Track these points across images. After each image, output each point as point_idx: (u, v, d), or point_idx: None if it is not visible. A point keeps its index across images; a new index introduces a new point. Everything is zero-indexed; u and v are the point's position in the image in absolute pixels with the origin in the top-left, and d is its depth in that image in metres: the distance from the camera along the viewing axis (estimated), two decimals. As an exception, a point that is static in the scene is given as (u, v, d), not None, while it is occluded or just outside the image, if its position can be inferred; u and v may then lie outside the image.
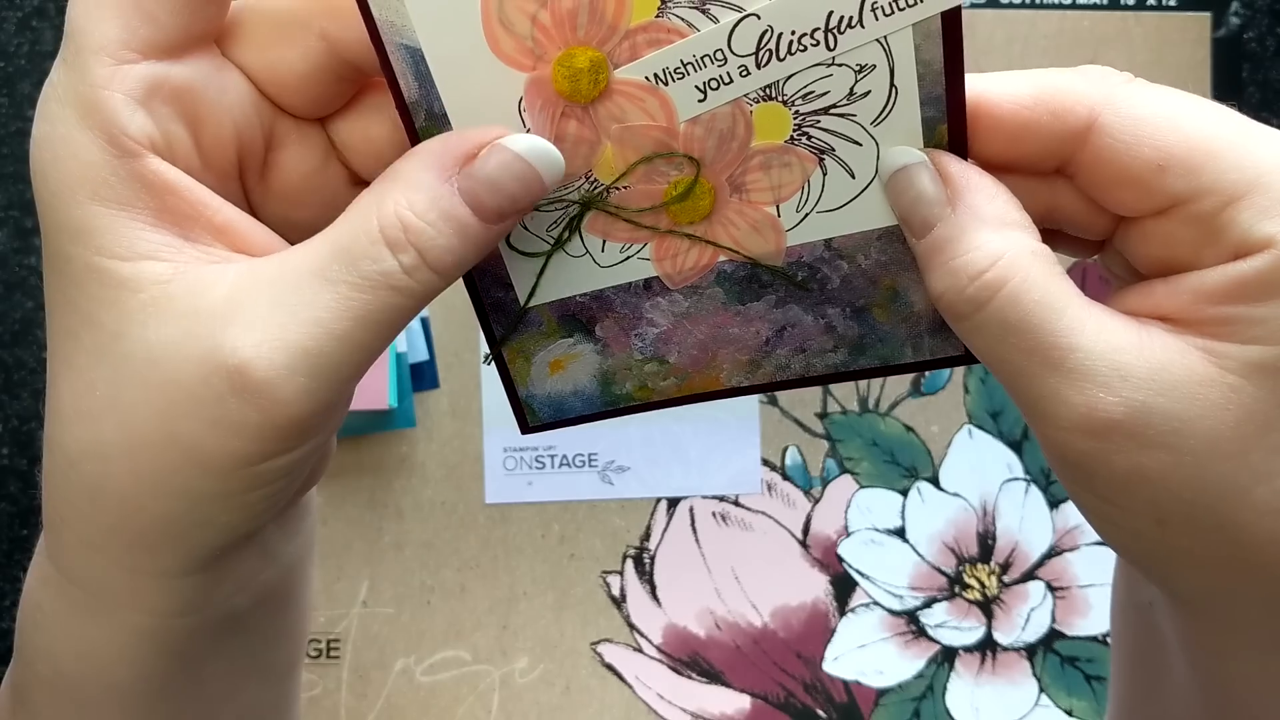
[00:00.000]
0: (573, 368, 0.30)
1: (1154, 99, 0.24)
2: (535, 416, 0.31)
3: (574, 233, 0.28)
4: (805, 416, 0.63)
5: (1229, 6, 0.63)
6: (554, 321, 0.29)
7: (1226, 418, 0.23)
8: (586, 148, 0.26)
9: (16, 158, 0.61)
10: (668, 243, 0.27)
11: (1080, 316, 0.24)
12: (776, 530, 0.62)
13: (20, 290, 0.61)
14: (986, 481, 0.63)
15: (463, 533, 0.61)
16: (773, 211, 0.27)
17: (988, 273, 0.24)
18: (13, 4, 0.61)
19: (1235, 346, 0.23)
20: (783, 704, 0.62)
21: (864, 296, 0.28)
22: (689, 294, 0.28)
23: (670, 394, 0.30)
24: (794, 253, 0.27)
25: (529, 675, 0.61)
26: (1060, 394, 0.24)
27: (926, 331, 0.28)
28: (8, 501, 0.60)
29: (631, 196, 0.27)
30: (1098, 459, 0.24)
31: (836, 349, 0.28)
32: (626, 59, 0.25)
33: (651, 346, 0.29)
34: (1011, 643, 0.62)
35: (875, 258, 0.27)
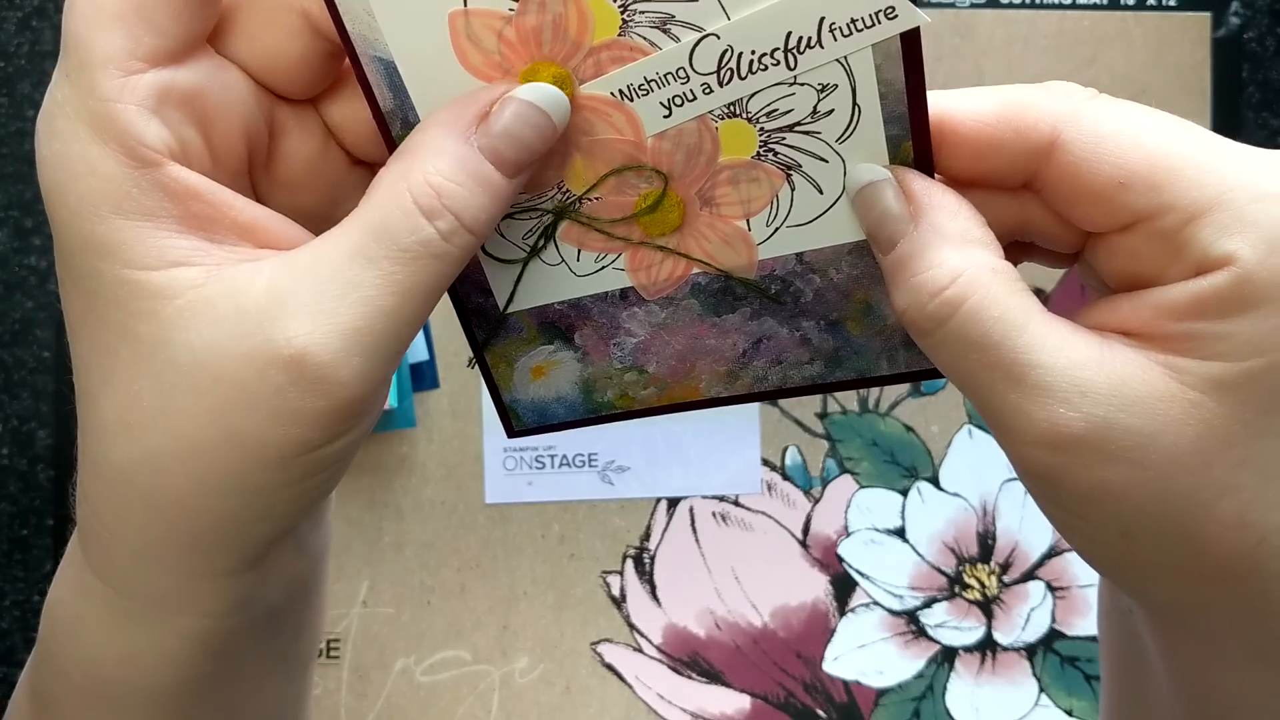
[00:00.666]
0: (554, 374, 0.30)
1: (1116, 115, 0.25)
2: (520, 421, 0.32)
3: (549, 241, 0.28)
4: (805, 416, 0.63)
5: (1229, 6, 0.63)
6: (534, 328, 0.30)
7: (1188, 432, 0.23)
8: (557, 159, 0.27)
9: (16, 158, 0.61)
10: (641, 254, 0.28)
11: (1041, 333, 0.24)
12: (776, 530, 0.62)
13: (20, 290, 0.61)
14: (986, 481, 0.63)
15: (463, 533, 0.61)
16: (743, 225, 0.27)
17: (948, 290, 0.24)
18: (13, 4, 0.61)
19: (1196, 362, 0.24)
20: (783, 704, 0.62)
21: (837, 310, 0.28)
22: (665, 305, 0.29)
23: (651, 403, 0.30)
24: (766, 266, 0.28)
25: (529, 675, 0.61)
26: (1022, 409, 0.24)
27: (900, 344, 0.28)
28: (8, 501, 0.60)
29: (603, 208, 0.27)
30: (1061, 473, 0.24)
31: (813, 361, 0.29)
32: (591, 75, 0.26)
33: (630, 356, 0.30)
34: (1011, 643, 0.62)
35: (847, 272, 0.27)
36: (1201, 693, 0.28)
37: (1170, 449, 0.23)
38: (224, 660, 0.28)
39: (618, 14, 0.25)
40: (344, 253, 0.24)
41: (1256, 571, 0.24)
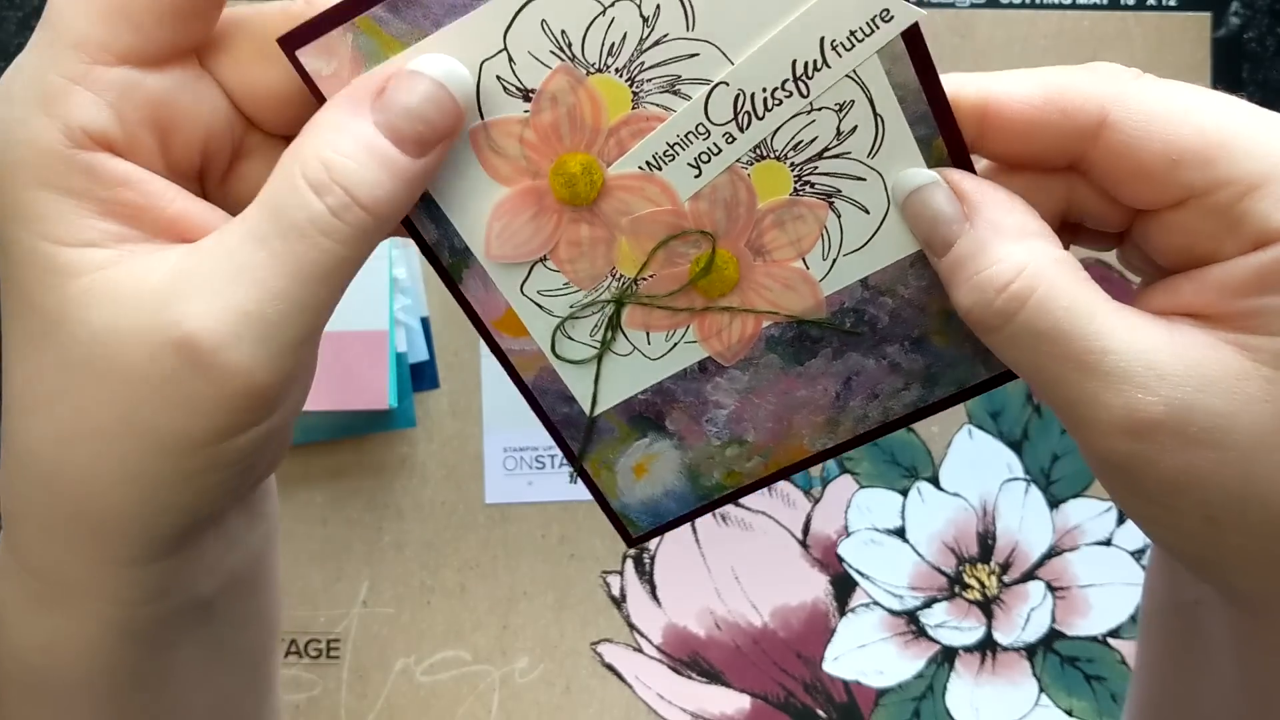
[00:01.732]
0: (656, 468, 0.30)
1: (1164, 93, 0.24)
2: (636, 527, 0.31)
3: (616, 331, 0.28)
4: (805, 416, 0.63)
5: (1229, 6, 0.63)
6: (624, 425, 0.29)
7: (1267, 410, 0.23)
8: (604, 246, 0.27)
9: (16, 158, 0.61)
10: (708, 321, 0.28)
11: (1110, 319, 0.24)
12: (776, 530, 0.62)
13: (20, 290, 0.61)
14: (986, 481, 0.63)
15: (463, 533, 0.61)
16: (800, 266, 0.27)
17: (1014, 284, 0.24)
18: (13, 4, 0.61)
19: (1266, 339, 0.23)
20: (783, 704, 0.62)
21: (918, 326, 0.27)
22: (745, 367, 0.28)
23: (759, 474, 0.30)
24: (834, 301, 0.27)
25: (529, 675, 0.61)
26: (1099, 398, 0.24)
27: None
28: (8, 501, 0.60)
29: (659, 283, 0.27)
30: (1143, 462, 0.24)
31: (909, 386, 0.28)
32: (616, 155, 0.26)
33: (726, 429, 0.29)
34: (1011, 643, 0.62)
35: (915, 285, 0.27)
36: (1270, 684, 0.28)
37: (1251, 428, 0.23)
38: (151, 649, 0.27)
39: (627, 89, 0.25)
40: (239, 235, 0.23)
41: None
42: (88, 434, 0.23)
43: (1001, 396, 0.63)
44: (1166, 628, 0.33)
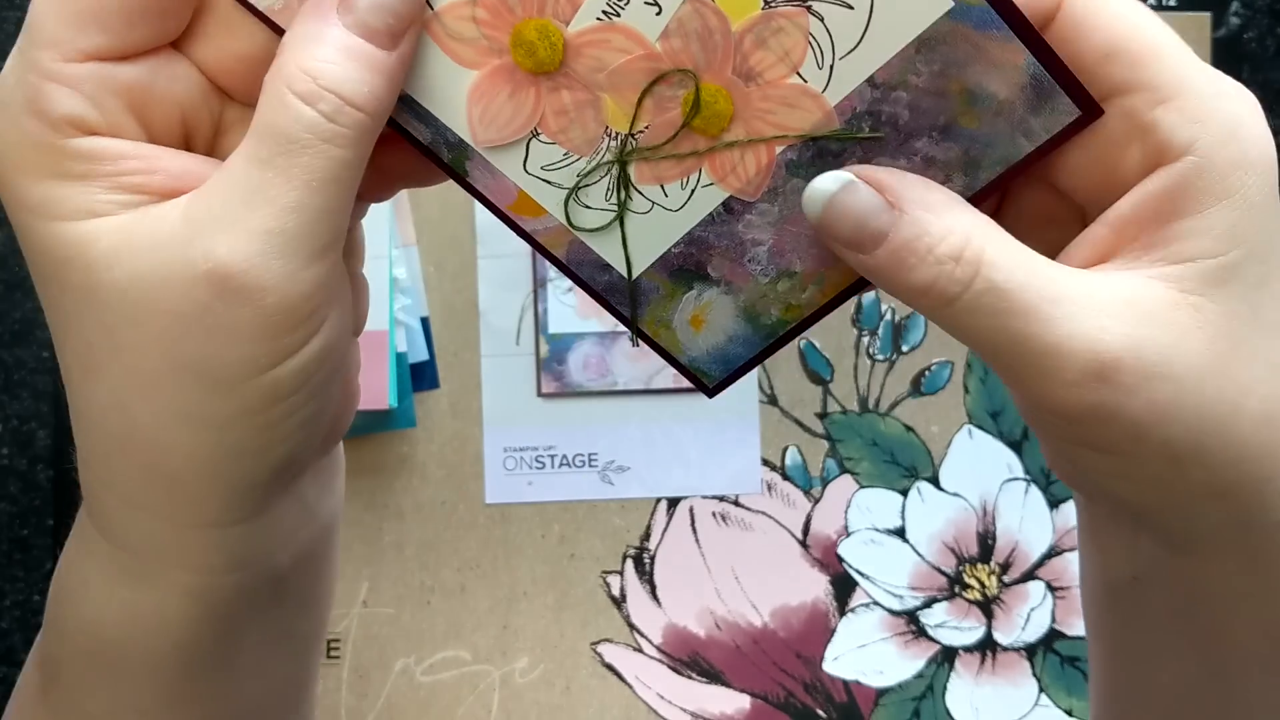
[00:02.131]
0: (712, 317, 0.29)
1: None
2: (710, 377, 0.30)
3: (629, 190, 0.27)
4: (805, 416, 0.63)
5: (1229, 6, 0.63)
6: (667, 281, 0.29)
7: (1202, 336, 0.24)
8: (590, 108, 0.26)
9: (16, 158, 0.61)
10: (719, 160, 0.27)
11: (1055, 270, 0.25)
12: (776, 530, 0.62)
13: (20, 290, 0.61)
14: (986, 481, 0.63)
15: (463, 533, 0.61)
16: (797, 81, 0.26)
17: (966, 250, 0.25)
18: (12, 4, 0.61)
19: (1185, 265, 0.24)
20: (783, 704, 0.62)
21: (942, 113, 0.26)
22: (772, 198, 0.27)
23: (818, 302, 0.29)
24: (844, 109, 0.26)
25: (529, 675, 0.61)
26: (1061, 347, 0.24)
27: (1028, 113, 0.26)
28: (8, 501, 0.60)
29: (656, 133, 0.27)
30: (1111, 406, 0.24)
31: (950, 177, 0.27)
32: (570, 13, 0.25)
33: (771, 265, 0.28)
34: (1011, 643, 0.62)
35: (926, 70, 0.25)
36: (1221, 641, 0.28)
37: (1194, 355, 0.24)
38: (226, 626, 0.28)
39: None
40: (242, 161, 0.24)
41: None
42: (144, 385, 0.24)
43: (1001, 396, 0.63)
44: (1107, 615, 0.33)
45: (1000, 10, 0.24)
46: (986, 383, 0.63)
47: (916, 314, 0.64)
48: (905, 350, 0.63)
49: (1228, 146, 0.24)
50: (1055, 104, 0.25)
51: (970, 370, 0.63)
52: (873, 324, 0.63)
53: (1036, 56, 0.24)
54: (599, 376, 0.61)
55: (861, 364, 0.63)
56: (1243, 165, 0.24)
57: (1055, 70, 0.25)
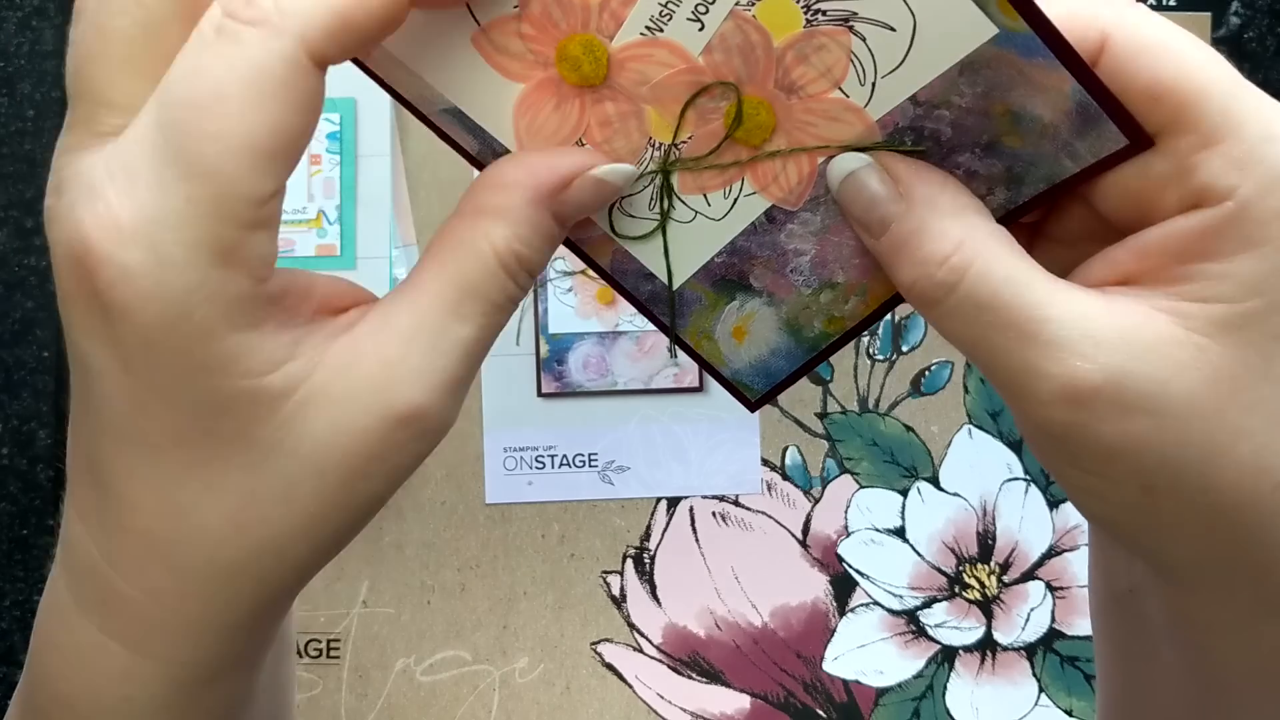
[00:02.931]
0: (755, 328, 0.30)
1: (1159, 27, 0.25)
2: (752, 391, 0.31)
3: (672, 199, 0.28)
4: (805, 416, 0.63)
5: (1229, 6, 0.63)
6: (710, 291, 0.29)
7: (1199, 377, 0.23)
8: (634, 119, 0.27)
9: (16, 157, 0.61)
10: (761, 170, 0.27)
11: (1047, 288, 0.24)
12: (776, 530, 0.62)
13: (20, 290, 0.61)
14: (986, 481, 0.63)
15: (463, 533, 0.61)
16: (839, 95, 0.26)
17: (953, 257, 0.25)
18: (13, 4, 0.61)
19: (1198, 305, 0.24)
20: (783, 704, 0.62)
21: (985, 132, 0.26)
22: (814, 208, 0.27)
23: (861, 314, 0.29)
24: (887, 123, 0.26)
25: (529, 675, 0.61)
26: (1038, 367, 0.24)
27: (1072, 137, 0.25)
28: (8, 501, 0.60)
29: (699, 143, 0.27)
30: (1081, 430, 0.24)
31: (993, 191, 0.27)
32: (614, 28, 0.25)
33: (814, 275, 0.28)
34: (1011, 642, 0.62)
35: (970, 92, 0.25)
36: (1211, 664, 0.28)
37: (1184, 395, 0.23)
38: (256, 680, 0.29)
39: None
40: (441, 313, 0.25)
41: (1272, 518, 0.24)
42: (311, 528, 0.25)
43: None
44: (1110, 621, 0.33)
45: (1046, 39, 0.23)
46: (986, 383, 0.63)
47: (916, 314, 0.64)
48: (905, 350, 0.63)
49: (1271, 196, 0.23)
50: (1102, 130, 0.25)
51: (970, 370, 0.63)
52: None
53: (1084, 85, 0.24)
54: (599, 376, 0.61)
55: (861, 364, 0.63)
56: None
57: (1103, 99, 0.24)
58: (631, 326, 0.61)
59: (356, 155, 0.58)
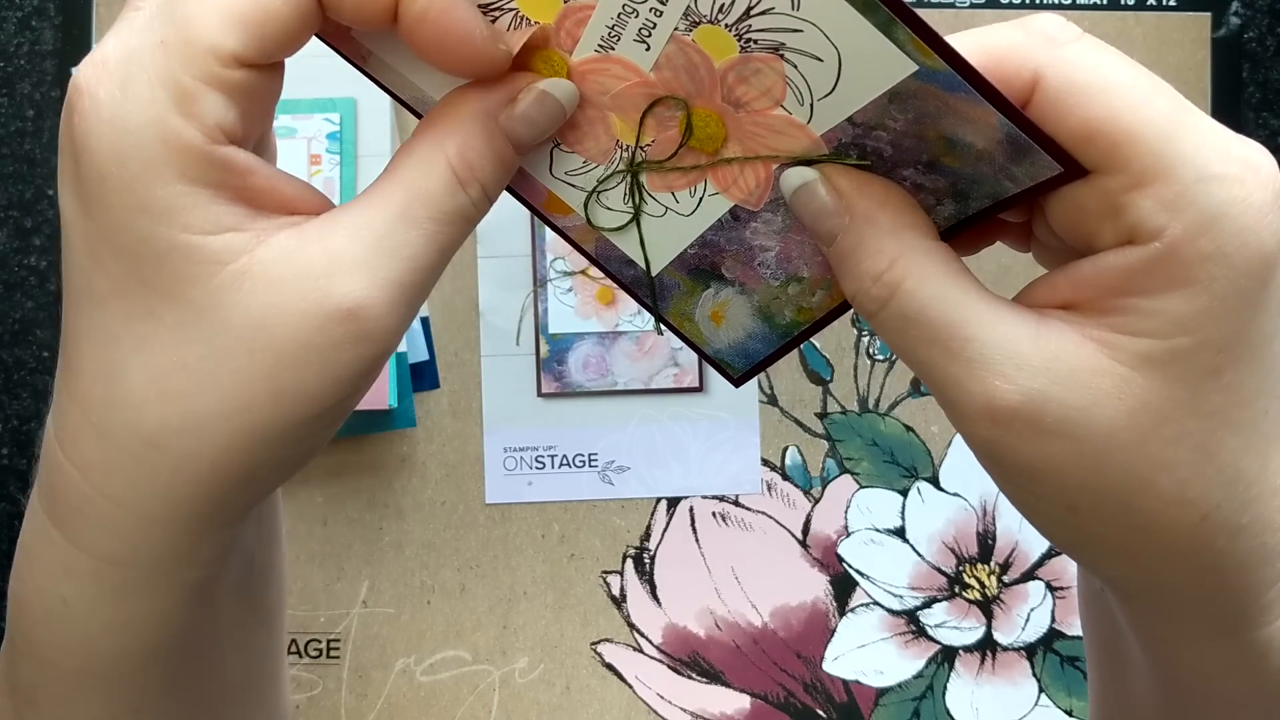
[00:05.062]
0: (730, 314, 0.31)
1: (1093, 66, 0.24)
2: (734, 369, 0.33)
3: (642, 194, 0.29)
4: (805, 416, 0.63)
5: (1229, 6, 0.63)
6: (686, 279, 0.31)
7: (1120, 407, 0.24)
8: (600, 124, 0.28)
9: (16, 158, 0.61)
10: (721, 173, 0.28)
11: (976, 307, 0.25)
12: (776, 530, 0.62)
13: (20, 290, 0.61)
14: (986, 481, 0.63)
15: (463, 533, 0.61)
16: (783, 113, 0.27)
17: (886, 273, 0.25)
18: (13, 4, 0.61)
19: (1127, 338, 0.24)
20: (783, 704, 0.62)
21: (924, 152, 0.27)
22: (774, 208, 0.29)
23: (828, 305, 0.30)
24: (830, 139, 0.27)
25: (529, 675, 0.61)
26: (961, 383, 0.25)
27: (1008, 163, 0.26)
28: (8, 501, 0.60)
29: (660, 147, 0.28)
30: (1002, 448, 0.25)
31: (941, 202, 0.28)
32: (570, 45, 0.27)
33: (780, 269, 0.30)
34: (1011, 642, 0.62)
35: (901, 118, 0.26)
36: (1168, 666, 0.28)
37: (1104, 424, 0.24)
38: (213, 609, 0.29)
39: None
40: (391, 215, 0.26)
41: (1203, 549, 0.25)
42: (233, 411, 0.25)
43: (1001, 396, 0.63)
44: (1091, 617, 0.34)
45: (965, 76, 0.24)
46: (986, 383, 0.63)
47: (916, 314, 0.64)
48: (905, 350, 0.63)
49: (1200, 238, 0.23)
50: (1035, 158, 0.25)
51: (970, 370, 0.63)
52: (873, 324, 0.63)
53: (1009, 119, 0.24)
54: (599, 376, 0.61)
55: (861, 364, 0.63)
56: (1215, 258, 0.23)
57: (1029, 131, 0.24)
58: (631, 326, 0.61)
59: (356, 155, 0.58)
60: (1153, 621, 0.27)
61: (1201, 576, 0.25)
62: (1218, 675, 0.27)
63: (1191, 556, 0.25)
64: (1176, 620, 0.27)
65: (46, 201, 0.61)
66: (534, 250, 0.61)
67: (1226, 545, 0.25)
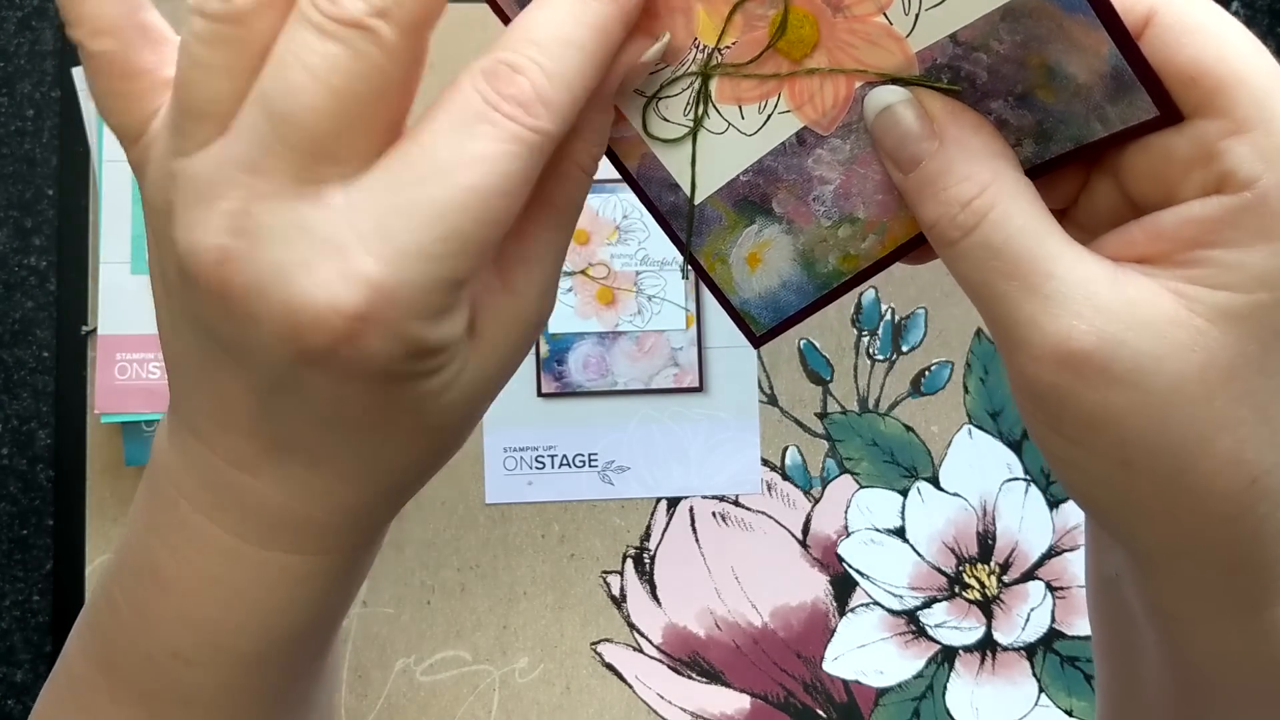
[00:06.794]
0: (770, 256, 0.30)
1: (1206, 10, 0.25)
2: (758, 324, 0.31)
3: (707, 106, 0.28)
4: (805, 416, 0.63)
5: (1229, 6, 0.63)
6: (730, 211, 0.29)
7: (1193, 359, 0.24)
8: (682, 16, 0.27)
9: (16, 157, 0.61)
10: (799, 86, 0.27)
11: (1059, 245, 0.25)
12: (776, 530, 0.62)
13: (20, 290, 0.61)
14: (986, 481, 0.63)
15: (463, 533, 0.61)
16: (883, 21, 0.26)
17: (976, 199, 0.25)
18: (13, 4, 0.61)
19: (1205, 290, 0.24)
20: (783, 704, 0.62)
21: (1020, 82, 0.26)
22: (845, 135, 0.27)
23: (876, 254, 0.29)
24: (926, 57, 0.26)
25: (529, 675, 0.61)
26: (1036, 320, 0.24)
27: (1105, 101, 0.25)
28: (8, 501, 0.60)
29: (741, 50, 0.27)
30: (1067, 393, 0.24)
31: (1021, 142, 0.27)
32: None
33: (835, 207, 0.28)
34: (1011, 642, 0.62)
35: (1009, 40, 0.25)
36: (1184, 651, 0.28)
37: (1175, 375, 0.24)
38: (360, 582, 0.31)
39: None
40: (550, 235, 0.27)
41: (1246, 513, 0.24)
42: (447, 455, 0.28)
43: (1002, 396, 0.63)
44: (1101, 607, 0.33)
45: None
46: (986, 383, 0.63)
47: (916, 314, 0.64)
48: (905, 350, 0.63)
49: None
50: (1134, 99, 0.25)
51: (970, 370, 0.63)
52: (873, 324, 0.63)
53: (1120, 48, 0.24)
54: (599, 376, 0.61)
55: (861, 364, 0.63)
56: None
57: (1137, 65, 0.24)
58: (631, 326, 0.61)
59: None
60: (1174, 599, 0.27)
61: (1237, 545, 0.25)
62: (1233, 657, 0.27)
63: (1233, 521, 0.24)
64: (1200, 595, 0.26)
65: (46, 201, 0.61)
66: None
67: (1268, 512, 0.24)
